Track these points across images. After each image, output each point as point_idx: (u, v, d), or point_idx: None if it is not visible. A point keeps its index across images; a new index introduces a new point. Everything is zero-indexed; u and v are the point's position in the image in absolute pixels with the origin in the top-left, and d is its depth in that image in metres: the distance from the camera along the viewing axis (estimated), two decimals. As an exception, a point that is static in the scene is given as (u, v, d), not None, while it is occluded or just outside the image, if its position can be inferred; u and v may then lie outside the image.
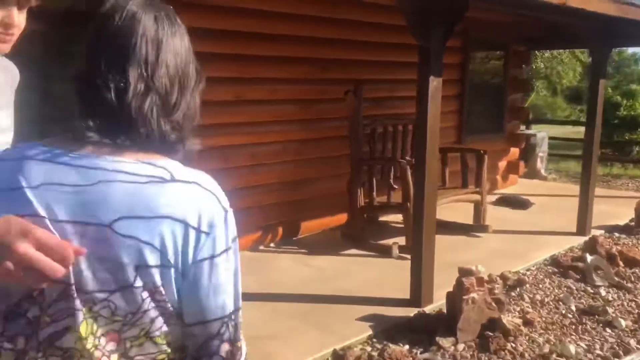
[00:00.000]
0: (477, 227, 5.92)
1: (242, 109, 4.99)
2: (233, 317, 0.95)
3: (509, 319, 3.68)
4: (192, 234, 0.89)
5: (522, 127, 10.91)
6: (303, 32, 5.26)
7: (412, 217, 4.10)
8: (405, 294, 4.10)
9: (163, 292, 0.89)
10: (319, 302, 4.07)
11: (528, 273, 4.83)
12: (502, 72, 7.92)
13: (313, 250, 5.25)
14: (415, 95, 3.92)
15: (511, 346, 3.50)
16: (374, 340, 3.58)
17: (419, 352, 3.42)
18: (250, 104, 5.03)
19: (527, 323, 3.81)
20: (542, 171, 9.52)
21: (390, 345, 3.46)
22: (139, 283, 0.88)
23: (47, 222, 0.85)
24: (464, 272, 3.71)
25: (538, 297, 4.32)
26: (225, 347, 0.94)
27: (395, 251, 5.06)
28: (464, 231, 5.89)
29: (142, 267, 0.88)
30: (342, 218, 5.73)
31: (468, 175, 6.03)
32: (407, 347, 3.47)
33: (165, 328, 0.92)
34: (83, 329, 0.88)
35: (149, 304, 0.89)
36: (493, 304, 3.64)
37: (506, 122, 8.03)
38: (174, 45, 0.96)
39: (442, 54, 3.81)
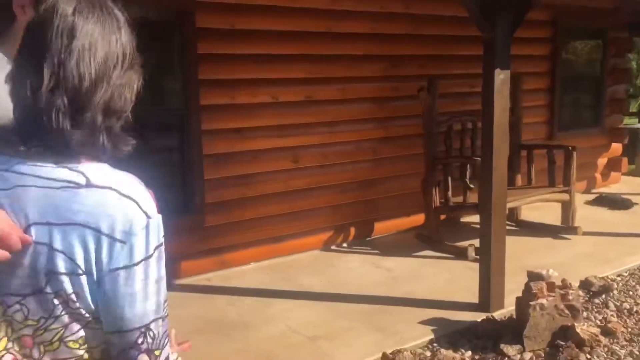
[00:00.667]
0: (565, 228, 5.53)
1: (312, 109, 5.00)
2: (152, 326, 0.91)
3: (584, 328, 3.38)
4: (105, 242, 0.87)
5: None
6: (372, 30, 5.18)
7: (481, 218, 3.90)
8: (476, 299, 3.91)
9: (75, 299, 0.88)
10: (384, 304, 3.98)
11: (618, 279, 4.43)
12: (600, 61, 7.33)
13: (385, 251, 5.16)
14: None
15: (586, 357, 3.22)
16: (435, 344, 3.45)
17: (478, 358, 3.24)
18: (320, 103, 5.04)
19: (608, 333, 3.49)
20: (652, 168, 8.70)
21: (442, 350, 3.30)
22: (49, 289, 0.87)
23: None
24: (534, 277, 3.47)
25: (626, 305, 3.95)
26: (143, 358, 0.91)
27: (471, 253, 4.84)
28: (551, 233, 5.52)
29: (52, 274, 0.87)
30: (417, 219, 5.59)
31: (556, 173, 5.64)
32: (469, 352, 3.31)
33: (82, 333, 0.90)
34: (2, 330, 0.89)
35: (61, 310, 0.88)
36: (566, 310, 3.37)
37: (605, 116, 7.42)
38: (91, 35, 0.90)
39: (509, 45, 3.59)
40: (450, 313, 3.80)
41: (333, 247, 5.27)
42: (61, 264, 0.86)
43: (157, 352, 0.92)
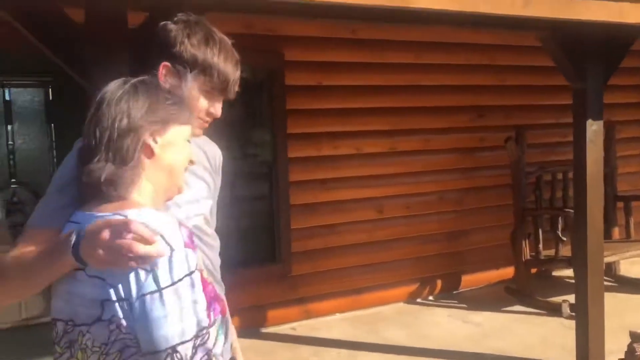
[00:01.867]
0: (669, 285, 5.15)
1: (396, 159, 5.05)
2: (180, 349, 1.01)
3: (698, 398, 3.11)
4: (137, 271, 1.01)
5: None
6: (457, 81, 5.21)
7: (576, 273, 3.73)
8: (573, 358, 3.70)
9: (124, 324, 1.01)
10: (472, 360, 3.86)
11: None
12: None
13: (473, 305, 5.00)
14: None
15: None
16: (527, 407, 3.28)
17: None
18: (404, 154, 5.08)
19: None
20: None
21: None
22: (106, 316, 1.02)
23: None
24: (637, 337, 3.25)
25: None
26: None
27: (566, 309, 4.60)
28: (655, 291, 5.16)
29: (105, 302, 1.02)
30: (506, 272, 5.40)
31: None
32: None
33: (135, 357, 1.02)
34: (80, 356, 1.05)
35: (116, 335, 1.02)
36: (675, 376, 3.12)
37: None
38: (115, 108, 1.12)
39: (601, 95, 3.50)
40: (545, 373, 3.62)
41: (418, 300, 5.18)
42: (110, 293, 1.02)
43: None
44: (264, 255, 4.65)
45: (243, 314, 4.43)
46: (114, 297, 1.01)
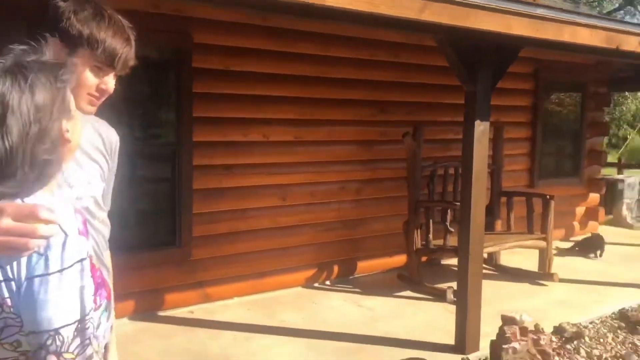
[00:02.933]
0: (542, 275, 5.68)
1: (301, 148, 5.17)
2: (61, 331, 1.04)
3: (555, 373, 3.50)
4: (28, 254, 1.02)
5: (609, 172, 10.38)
6: (362, 76, 5.40)
7: (460, 261, 4.04)
8: (453, 340, 4.02)
9: (9, 303, 1.03)
10: (364, 342, 4.07)
11: (590, 326, 4.56)
12: (580, 114, 7.62)
13: (367, 290, 5.26)
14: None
15: (555, 402, 3.33)
16: (410, 385, 3.54)
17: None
18: (309, 144, 5.21)
19: (578, 379, 3.61)
20: (629, 219, 8.94)
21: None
22: None
23: None
24: (508, 320, 3.60)
25: (596, 352, 4.08)
26: (51, 358, 1.04)
27: (450, 295, 4.96)
28: (529, 279, 5.67)
29: None
30: (399, 260, 5.71)
31: (535, 220, 5.82)
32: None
33: (16, 337, 1.05)
34: None
35: None
36: (538, 355, 3.49)
37: (583, 167, 7.68)
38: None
39: (489, 97, 3.80)
40: (427, 354, 3.89)
41: (316, 285, 5.36)
42: None
43: (66, 356, 1.05)
44: (165, 239, 4.61)
45: (141, 296, 4.40)
46: (0, 277, 1.02)
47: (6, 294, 1.03)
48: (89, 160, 1.57)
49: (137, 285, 4.33)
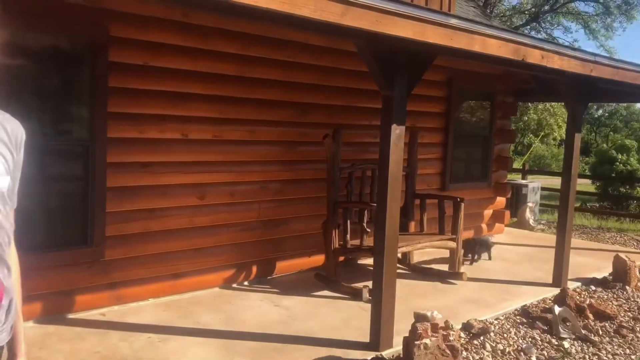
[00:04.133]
0: (452, 274, 5.94)
1: (221, 147, 5.12)
2: None
3: (462, 367, 3.67)
4: None
5: (518, 177, 11.01)
6: (283, 77, 5.44)
7: (374, 261, 4.15)
8: (367, 338, 4.12)
9: None
10: (280, 342, 4.09)
11: (495, 322, 4.83)
12: (489, 122, 8.05)
13: (285, 290, 5.29)
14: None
15: (462, 394, 3.50)
16: (325, 382, 3.59)
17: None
18: (230, 143, 5.18)
19: (483, 372, 3.81)
20: (531, 221, 9.53)
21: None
22: None
23: None
24: (420, 318, 3.74)
25: (500, 346, 4.32)
26: None
27: (365, 294, 5.08)
28: (439, 278, 5.91)
29: None
30: (318, 260, 5.79)
31: (446, 221, 6.08)
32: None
33: None
34: None
35: None
36: (447, 350, 3.65)
37: (492, 171, 8.11)
38: None
39: (405, 102, 3.94)
40: (342, 352, 3.97)
41: (234, 285, 5.33)
42: None
43: None
44: (75, 239, 4.41)
45: (49, 298, 4.19)
46: None
47: None
48: None
49: (44, 287, 4.13)
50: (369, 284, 5.14)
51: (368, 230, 5.23)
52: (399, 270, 4.59)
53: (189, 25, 4.70)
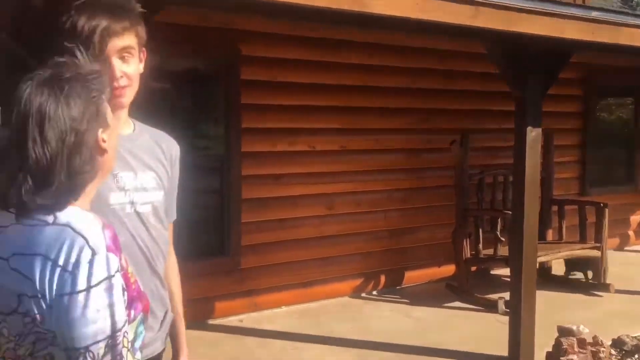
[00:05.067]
0: (597, 285, 5.50)
1: (347, 157, 5.18)
2: (92, 348, 1.04)
3: (616, 387, 3.37)
4: (57, 271, 1.03)
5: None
6: (407, 84, 5.38)
7: (512, 272, 3.96)
8: (506, 352, 3.93)
9: (39, 319, 1.05)
10: (412, 353, 4.02)
11: (651, 339, 4.38)
12: (632, 119, 7.38)
13: (415, 300, 5.20)
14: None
15: (617, 417, 3.21)
16: (463, 397, 3.47)
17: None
18: (355, 152, 5.22)
19: (640, 394, 3.47)
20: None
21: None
22: (21, 309, 1.05)
23: None
24: (564, 332, 3.50)
25: (659, 366, 3.92)
26: None
27: (501, 306, 4.85)
28: (583, 289, 5.50)
29: (22, 296, 1.05)
30: (447, 270, 5.62)
31: (588, 229, 5.65)
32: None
33: (48, 350, 1.07)
34: None
35: (30, 328, 1.06)
36: (597, 369, 3.38)
37: (638, 174, 7.42)
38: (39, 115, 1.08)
39: (540, 103, 3.72)
40: (479, 366, 3.82)
41: (363, 295, 5.33)
42: (28, 288, 1.04)
43: None
44: (214, 248, 4.68)
45: (191, 305, 4.41)
46: (30, 293, 1.04)
47: (36, 310, 1.04)
48: (144, 168, 1.58)
49: (188, 294, 4.36)
50: (504, 295, 4.92)
51: (502, 239, 5.00)
52: (537, 281, 4.33)
53: (314, 40, 4.81)
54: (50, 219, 1.07)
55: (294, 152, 4.89)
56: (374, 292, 5.41)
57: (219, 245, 4.68)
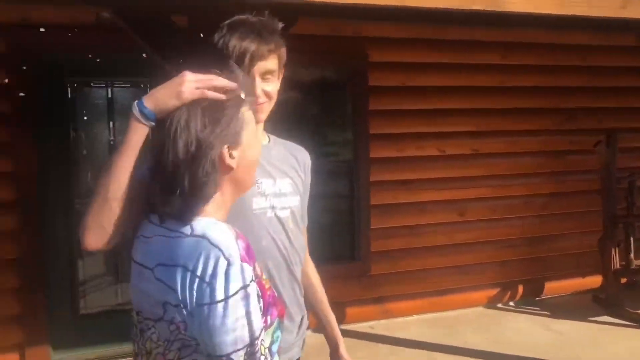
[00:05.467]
0: None
1: (480, 161, 4.98)
2: (233, 356, 1.07)
3: None
4: (196, 282, 1.07)
5: None
6: (544, 83, 5.07)
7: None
8: (665, 375, 3.55)
9: (182, 328, 1.09)
10: (555, 370, 3.77)
11: None
12: None
13: (556, 313, 4.86)
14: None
15: None
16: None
17: None
18: (489, 156, 5.00)
19: None
20: None
21: None
22: (167, 317, 1.11)
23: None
24: None
25: None
26: None
27: (658, 323, 4.40)
28: None
29: (166, 305, 1.11)
30: (594, 281, 5.20)
31: None
32: None
33: (193, 356, 1.11)
34: (148, 346, 1.18)
35: (175, 335, 1.10)
36: None
37: None
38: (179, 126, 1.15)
39: None
40: (634, 388, 3.48)
41: (499, 305, 5.09)
42: (171, 297, 1.09)
43: None
44: (344, 253, 4.73)
45: (323, 309, 4.54)
46: (174, 302, 1.09)
47: (179, 318, 1.09)
48: (281, 175, 1.66)
49: (320, 299, 4.48)
50: (662, 311, 4.46)
51: (657, 248, 4.53)
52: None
53: (444, 42, 4.70)
54: (187, 230, 1.12)
55: (423, 156, 4.80)
56: (511, 303, 5.15)
57: (349, 251, 4.72)
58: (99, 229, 1.20)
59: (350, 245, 4.74)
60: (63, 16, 3.72)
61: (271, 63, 1.52)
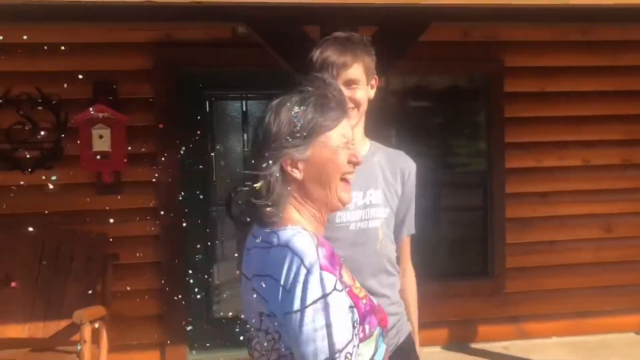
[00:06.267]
0: None
1: (630, 173, 4.55)
2: None
3: None
4: (281, 291, 1.06)
5: None
6: None
7: None
8: None
9: (276, 337, 1.07)
10: None
11: None
12: None
13: None
14: None
15: None
16: None
17: None
18: (639, 167, 4.54)
19: None
20: None
21: None
22: (264, 327, 1.11)
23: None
24: None
25: None
26: None
27: None
28: None
29: (262, 314, 1.11)
30: None
31: None
32: None
33: None
34: (255, 355, 1.18)
35: (272, 344, 1.09)
36: None
37: None
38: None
39: None
40: None
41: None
42: (264, 308, 1.10)
43: None
44: (476, 269, 4.51)
45: (451, 326, 4.36)
46: (267, 312, 1.10)
47: (273, 328, 1.09)
48: (375, 186, 1.71)
49: (449, 314, 4.31)
50: None
51: None
52: None
53: (587, 44, 4.35)
54: (275, 240, 1.13)
55: (564, 167, 4.46)
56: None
57: (482, 266, 4.49)
58: None
59: (483, 261, 4.51)
60: (202, 32, 3.94)
61: (355, 71, 1.66)
